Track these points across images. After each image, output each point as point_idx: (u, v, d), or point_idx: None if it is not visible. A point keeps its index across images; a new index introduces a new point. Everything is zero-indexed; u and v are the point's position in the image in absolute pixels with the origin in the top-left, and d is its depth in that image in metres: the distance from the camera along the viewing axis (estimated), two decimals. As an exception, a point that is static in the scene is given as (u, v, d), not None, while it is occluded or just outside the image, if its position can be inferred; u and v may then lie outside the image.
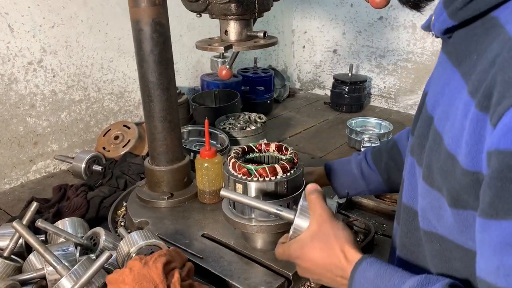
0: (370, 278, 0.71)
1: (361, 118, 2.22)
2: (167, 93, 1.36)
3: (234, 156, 1.12)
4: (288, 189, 1.08)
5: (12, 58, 1.68)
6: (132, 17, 1.27)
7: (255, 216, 1.10)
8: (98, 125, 2.02)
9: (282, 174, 1.07)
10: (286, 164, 1.08)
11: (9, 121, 1.71)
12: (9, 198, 1.68)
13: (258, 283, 1.07)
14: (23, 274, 1.05)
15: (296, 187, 1.11)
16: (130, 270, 0.94)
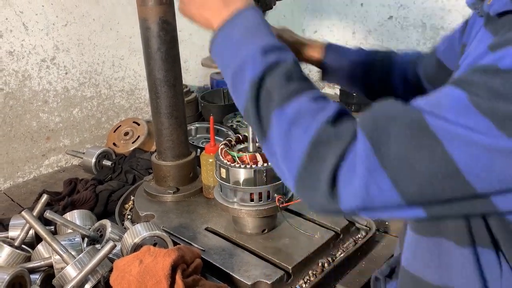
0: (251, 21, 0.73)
1: None
2: (173, 89, 1.39)
3: (225, 144, 1.18)
4: (267, 178, 1.14)
5: (26, 56, 1.73)
6: (140, 15, 1.31)
7: (237, 200, 1.17)
8: (109, 121, 2.06)
9: (262, 163, 1.12)
10: None
11: (23, 116, 1.77)
12: (22, 191, 1.74)
13: (258, 276, 1.09)
14: (31, 262, 1.09)
15: (277, 177, 1.14)
16: (140, 262, 0.97)
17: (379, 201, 0.59)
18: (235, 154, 1.14)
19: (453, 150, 0.55)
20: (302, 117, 0.63)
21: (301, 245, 1.19)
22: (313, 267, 1.18)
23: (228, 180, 1.16)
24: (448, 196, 0.58)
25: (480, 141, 0.54)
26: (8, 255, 1.10)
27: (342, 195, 0.60)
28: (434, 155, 0.55)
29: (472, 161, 0.55)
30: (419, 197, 0.58)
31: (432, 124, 0.56)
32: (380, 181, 0.58)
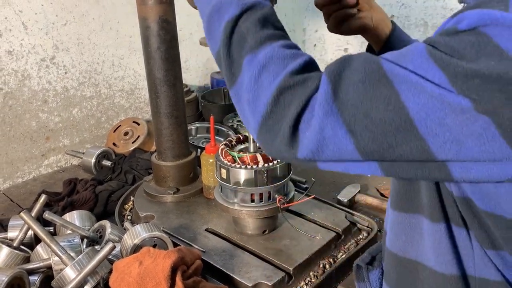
0: None
1: None
2: (173, 89, 1.38)
3: (225, 144, 1.17)
4: (268, 178, 1.13)
5: (25, 55, 1.72)
6: (140, 14, 1.30)
7: (237, 201, 1.16)
8: (109, 121, 2.05)
9: (263, 164, 1.11)
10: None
11: (22, 116, 1.76)
12: (21, 191, 1.73)
13: (258, 277, 1.08)
14: (30, 264, 1.09)
15: (278, 177, 1.13)
16: (140, 263, 0.96)
17: (333, 148, 0.59)
18: (235, 155, 1.13)
19: (407, 98, 0.55)
20: (273, 63, 0.64)
21: (302, 246, 1.18)
22: (314, 268, 1.17)
23: (228, 180, 1.15)
24: (403, 150, 0.57)
25: (433, 91, 0.55)
26: (6, 255, 1.10)
27: (301, 142, 0.60)
28: (389, 102, 0.56)
29: (424, 111, 0.55)
30: (372, 148, 0.58)
31: (390, 71, 0.57)
32: (335, 126, 0.58)
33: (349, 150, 0.59)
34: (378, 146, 0.58)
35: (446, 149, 0.56)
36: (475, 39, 0.55)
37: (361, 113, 0.57)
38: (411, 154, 0.57)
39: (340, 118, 0.58)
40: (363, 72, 0.58)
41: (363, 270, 0.90)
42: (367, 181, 1.64)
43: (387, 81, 0.56)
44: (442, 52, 0.56)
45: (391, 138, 0.57)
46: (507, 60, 0.53)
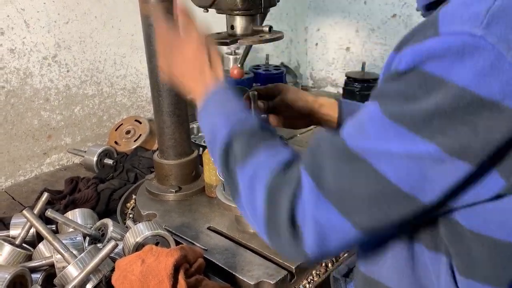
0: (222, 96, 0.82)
1: None
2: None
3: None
4: None
5: (27, 53, 1.72)
6: (142, 12, 1.30)
7: None
8: (111, 119, 2.05)
9: None
10: None
11: (24, 114, 1.76)
12: (23, 189, 1.73)
13: (261, 275, 1.08)
14: (32, 262, 1.08)
15: None
16: (142, 262, 0.96)
17: (335, 235, 0.60)
18: None
19: (381, 168, 0.57)
20: (259, 169, 0.68)
21: (304, 245, 1.18)
22: (316, 267, 1.16)
23: None
24: (399, 214, 0.58)
25: (400, 150, 0.56)
26: (8, 253, 1.09)
27: (304, 240, 0.61)
28: (367, 176, 0.57)
29: (403, 173, 0.56)
30: (371, 222, 0.59)
31: (356, 148, 0.59)
32: (328, 214, 0.60)
33: (349, 231, 0.60)
34: (376, 219, 0.59)
35: (437, 198, 0.57)
36: (419, 79, 0.55)
37: (347, 194, 0.59)
38: (408, 214, 0.59)
39: (330, 206, 0.59)
40: (334, 156, 0.61)
41: (340, 282, 0.91)
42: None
43: (357, 157, 0.58)
44: (394, 104, 0.57)
45: (385, 208, 0.58)
46: (455, 90, 0.52)
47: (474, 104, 0.51)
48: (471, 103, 0.51)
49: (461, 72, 0.51)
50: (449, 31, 0.53)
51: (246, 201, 0.70)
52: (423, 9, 0.70)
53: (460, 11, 0.54)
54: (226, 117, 0.78)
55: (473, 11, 0.52)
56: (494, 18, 0.51)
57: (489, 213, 0.59)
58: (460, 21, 0.52)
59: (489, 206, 0.59)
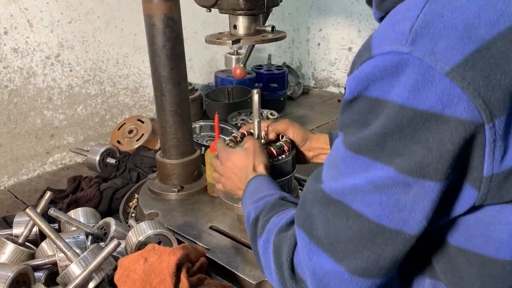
0: (254, 185, 0.93)
1: None
2: (178, 87, 1.38)
3: (231, 140, 1.17)
4: (272, 174, 1.11)
5: (30, 53, 1.73)
6: (145, 11, 1.30)
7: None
8: (113, 119, 2.06)
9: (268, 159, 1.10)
10: (273, 150, 1.11)
11: (27, 113, 1.76)
12: (26, 188, 1.74)
13: (262, 275, 1.08)
14: (35, 260, 1.09)
15: (283, 173, 1.13)
16: (145, 260, 0.96)
17: (334, 283, 0.60)
18: None
19: (357, 206, 0.57)
20: (270, 235, 0.73)
21: (306, 244, 1.18)
22: (318, 267, 1.16)
23: None
24: (390, 251, 0.57)
25: (365, 183, 0.56)
26: (11, 252, 1.10)
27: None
28: (347, 218, 0.58)
29: (376, 208, 0.56)
30: (363, 264, 0.58)
31: (331, 192, 0.60)
32: (322, 263, 0.60)
33: (344, 275, 0.59)
34: (368, 261, 0.57)
35: (421, 224, 0.56)
36: (366, 105, 0.56)
37: (335, 239, 0.59)
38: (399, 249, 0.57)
39: (322, 253, 0.60)
40: (317, 204, 0.62)
41: None
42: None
43: (335, 201, 0.59)
44: (351, 134, 0.58)
45: (374, 248, 0.57)
46: (396, 108, 0.52)
47: (416, 119, 0.51)
48: (413, 119, 0.51)
49: (397, 90, 0.52)
50: (380, 52, 0.54)
51: (265, 266, 0.74)
52: (379, 21, 0.72)
53: (388, 32, 0.55)
54: (255, 200, 0.87)
55: (398, 30, 0.54)
56: (417, 34, 0.52)
57: (472, 227, 0.58)
58: (389, 41, 0.54)
59: (469, 219, 0.58)
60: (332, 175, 0.62)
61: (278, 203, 0.82)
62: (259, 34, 1.08)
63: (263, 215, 0.80)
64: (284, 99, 2.56)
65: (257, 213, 0.82)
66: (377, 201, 0.55)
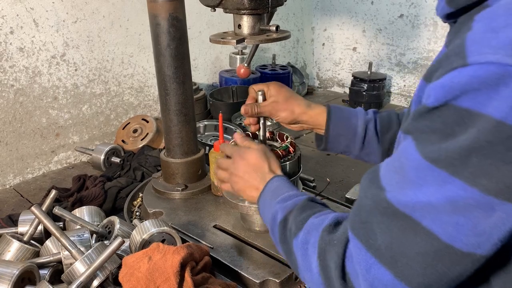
0: (275, 185, 0.92)
1: None
2: (183, 87, 1.39)
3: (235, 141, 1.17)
4: None
5: (36, 52, 1.74)
6: (150, 11, 1.30)
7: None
8: (118, 118, 2.07)
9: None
10: (279, 152, 1.11)
11: (33, 112, 1.77)
12: (31, 187, 1.74)
13: (266, 274, 1.08)
14: (40, 258, 1.10)
15: (288, 174, 1.13)
16: (149, 259, 0.96)
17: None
18: None
19: (428, 224, 0.53)
20: (310, 235, 0.72)
21: (310, 244, 1.18)
22: (322, 266, 1.16)
23: None
24: (456, 271, 0.54)
25: (442, 201, 0.52)
26: (17, 250, 1.11)
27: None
28: (415, 235, 0.54)
29: (451, 230, 0.52)
30: (426, 282, 0.55)
31: (398, 204, 0.56)
32: (381, 276, 0.57)
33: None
34: (432, 280, 0.55)
35: (496, 246, 0.52)
36: (454, 115, 0.52)
37: (398, 254, 0.56)
38: (467, 270, 0.54)
39: (381, 266, 0.57)
40: (378, 214, 0.58)
41: None
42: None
43: (402, 214, 0.55)
44: (430, 144, 0.54)
45: (441, 268, 0.54)
46: (492, 123, 0.49)
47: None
48: (510, 137, 0.48)
49: (496, 104, 0.49)
50: (479, 60, 0.50)
51: (304, 268, 0.72)
52: (443, 18, 0.68)
53: (488, 38, 0.51)
54: (280, 198, 0.86)
55: (503, 38, 0.50)
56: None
57: None
58: (491, 50, 0.50)
59: None
60: (397, 182, 0.57)
61: (308, 205, 0.81)
62: (263, 34, 1.08)
63: (294, 216, 0.79)
64: (288, 99, 2.55)
65: (286, 213, 0.81)
66: (452, 222, 0.52)
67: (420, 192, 0.54)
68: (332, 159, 1.88)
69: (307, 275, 0.71)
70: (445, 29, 2.36)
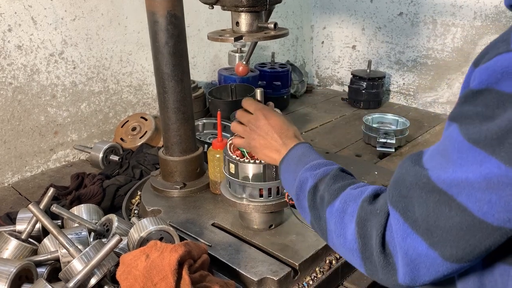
0: (301, 151, 0.93)
1: (378, 114, 2.20)
2: (181, 84, 1.38)
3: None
4: (277, 173, 1.13)
5: (34, 50, 1.73)
6: (148, 8, 1.30)
7: (246, 196, 1.17)
8: (117, 116, 2.06)
9: None
10: None
11: (31, 110, 1.77)
12: (30, 185, 1.74)
13: (264, 272, 1.08)
14: (38, 256, 1.09)
15: None
16: (147, 257, 0.96)
17: (425, 265, 0.61)
18: (244, 150, 1.13)
19: (463, 200, 0.57)
20: (347, 205, 0.74)
21: (308, 242, 1.18)
22: (320, 264, 1.16)
23: (237, 175, 1.15)
24: (487, 244, 0.58)
25: (479, 178, 0.55)
26: (15, 248, 1.10)
27: (397, 269, 0.64)
28: (450, 210, 0.58)
29: (485, 206, 0.56)
30: (458, 253, 0.59)
31: (438, 181, 0.60)
32: (416, 245, 0.61)
33: (440, 263, 0.60)
34: (464, 251, 0.59)
35: None
36: (495, 99, 0.55)
37: (433, 226, 0.60)
38: (496, 243, 0.58)
39: (417, 237, 0.61)
40: (418, 188, 0.62)
41: None
42: (375, 178, 1.63)
43: (440, 190, 0.59)
44: (472, 126, 0.57)
45: (472, 241, 0.58)
46: None
47: None
48: None
49: None
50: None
51: (336, 234, 0.74)
52: (509, 8, 0.70)
53: None
54: (309, 165, 0.87)
55: None
56: None
57: None
58: None
59: None
60: (440, 163, 0.61)
61: (340, 175, 0.82)
62: (261, 31, 1.08)
63: (326, 184, 0.80)
64: (287, 97, 2.55)
65: (317, 180, 0.82)
66: (486, 199, 0.55)
67: (460, 171, 0.58)
68: (331, 157, 1.88)
69: (339, 240, 0.74)
70: (444, 27, 2.36)
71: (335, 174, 0.82)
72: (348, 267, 1.18)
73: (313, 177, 0.83)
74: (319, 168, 0.85)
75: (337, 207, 0.75)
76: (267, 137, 1.00)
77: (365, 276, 1.18)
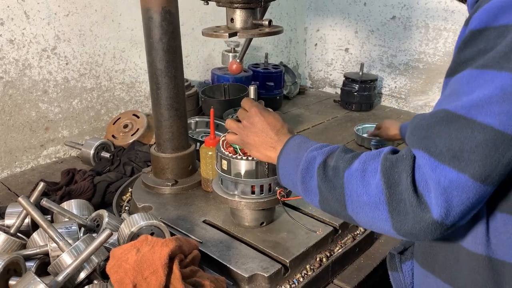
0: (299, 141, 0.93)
1: (368, 124, 2.16)
2: (174, 81, 1.38)
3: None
4: (269, 171, 1.13)
5: (27, 44, 1.72)
6: (143, 4, 1.30)
7: (238, 193, 1.17)
8: (109, 113, 2.05)
9: None
10: None
11: (22, 105, 1.76)
12: (19, 180, 1.73)
13: (255, 268, 1.08)
14: (27, 250, 1.08)
15: None
16: (137, 251, 0.96)
17: (458, 192, 0.62)
18: (237, 146, 1.13)
19: (483, 118, 0.60)
20: (367, 164, 0.73)
21: (299, 239, 1.18)
22: (310, 262, 1.17)
23: (229, 172, 1.15)
24: (507, 155, 0.61)
25: (494, 92, 0.60)
26: (3, 242, 1.09)
27: (430, 204, 0.64)
28: (472, 130, 0.61)
29: (504, 117, 0.59)
30: (486, 170, 0.61)
31: (455, 109, 0.63)
32: (446, 174, 0.62)
33: (470, 186, 0.62)
34: (490, 166, 0.61)
35: None
36: (495, 33, 0.61)
37: (458, 151, 0.62)
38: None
39: (446, 167, 0.63)
40: (437, 124, 0.65)
41: (396, 260, 0.93)
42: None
43: (458, 116, 0.62)
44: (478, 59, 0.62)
45: (497, 155, 0.60)
46: None
47: None
48: None
49: None
50: None
51: (358, 194, 0.72)
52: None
53: None
54: (313, 147, 0.87)
55: None
56: None
57: None
58: None
59: None
60: (453, 99, 0.64)
61: (349, 149, 0.83)
62: (256, 28, 1.08)
63: (337, 156, 0.80)
64: (280, 98, 2.56)
65: (325, 156, 0.82)
66: (504, 111, 0.59)
67: (475, 94, 0.62)
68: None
69: (362, 199, 0.72)
70: (436, 32, 2.38)
71: (344, 148, 0.83)
72: (338, 265, 1.18)
73: (322, 154, 0.83)
74: (325, 147, 0.85)
75: (356, 168, 0.74)
76: (262, 134, 1.00)
77: (355, 274, 1.18)
